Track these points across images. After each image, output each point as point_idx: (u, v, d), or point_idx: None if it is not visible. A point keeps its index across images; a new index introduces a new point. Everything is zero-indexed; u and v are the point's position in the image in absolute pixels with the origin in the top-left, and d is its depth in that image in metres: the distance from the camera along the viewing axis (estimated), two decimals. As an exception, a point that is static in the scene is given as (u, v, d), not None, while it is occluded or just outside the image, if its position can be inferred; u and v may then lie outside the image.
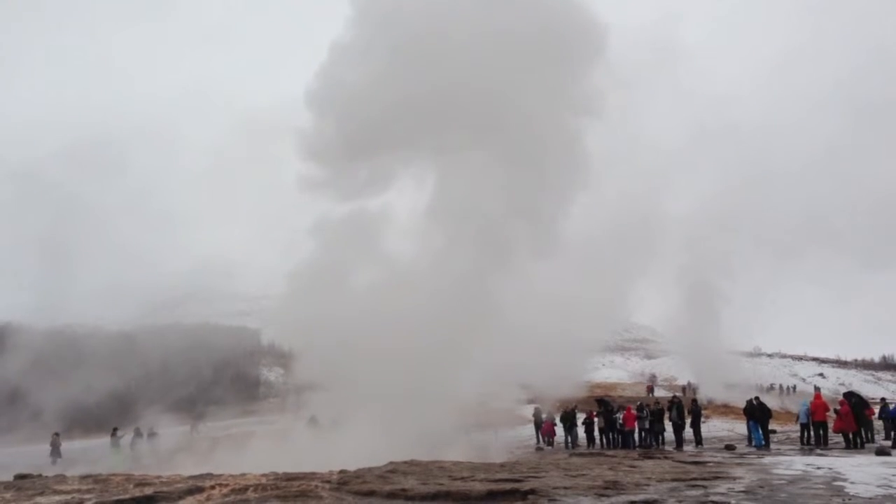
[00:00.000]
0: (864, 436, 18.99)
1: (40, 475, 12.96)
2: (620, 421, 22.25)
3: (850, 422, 18.22)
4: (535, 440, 26.07)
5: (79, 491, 9.92)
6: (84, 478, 11.59)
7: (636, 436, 21.94)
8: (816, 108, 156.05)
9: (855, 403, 19.16)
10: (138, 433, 24.40)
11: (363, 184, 21.05)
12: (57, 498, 9.36)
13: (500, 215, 19.64)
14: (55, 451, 21.82)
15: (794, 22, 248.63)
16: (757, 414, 19.95)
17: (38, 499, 9.34)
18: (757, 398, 21.05)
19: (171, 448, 22.71)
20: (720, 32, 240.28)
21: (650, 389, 46.84)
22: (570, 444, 23.66)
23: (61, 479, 11.88)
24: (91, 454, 22.36)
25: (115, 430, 23.67)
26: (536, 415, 26.80)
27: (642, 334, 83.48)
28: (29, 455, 21.49)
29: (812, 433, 19.72)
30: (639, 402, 25.61)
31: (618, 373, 63.33)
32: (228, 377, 35.33)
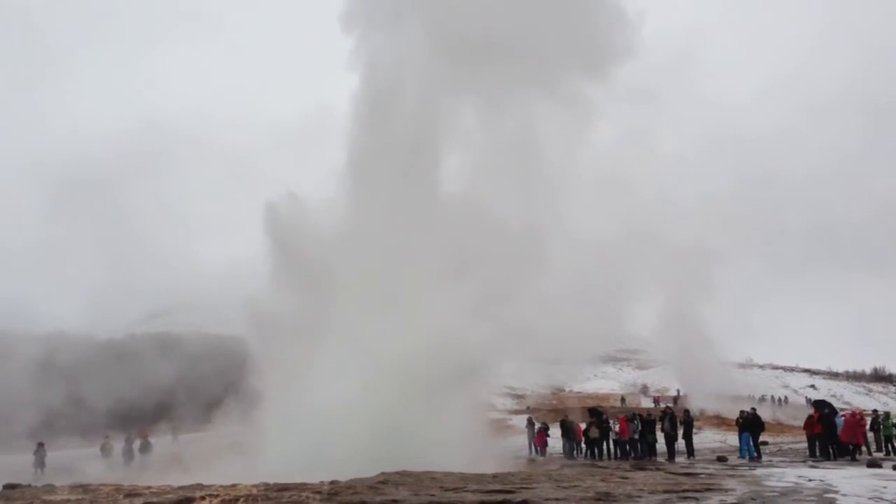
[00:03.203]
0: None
1: (29, 485, 12.87)
2: (616, 431, 22.26)
3: (857, 434, 18.22)
4: (527, 450, 26.02)
5: (68, 501, 9.86)
6: (74, 487, 11.51)
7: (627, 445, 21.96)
8: (798, 131, 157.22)
9: (826, 414, 19.24)
10: (129, 442, 24.24)
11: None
12: (46, 508, 9.29)
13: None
14: (39, 462, 21.56)
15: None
16: (751, 426, 19.96)
17: (27, 509, 9.27)
18: (753, 409, 21.10)
19: (161, 457, 22.54)
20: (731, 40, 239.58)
21: (657, 400, 46.48)
22: (571, 454, 23.60)
23: (50, 488, 11.80)
24: (79, 464, 22.09)
25: (106, 437, 23.51)
26: (529, 424, 26.78)
27: (634, 345, 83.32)
28: (16, 465, 21.20)
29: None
30: (631, 412, 25.64)
31: (610, 383, 63.25)
32: (215, 386, 35.11)
